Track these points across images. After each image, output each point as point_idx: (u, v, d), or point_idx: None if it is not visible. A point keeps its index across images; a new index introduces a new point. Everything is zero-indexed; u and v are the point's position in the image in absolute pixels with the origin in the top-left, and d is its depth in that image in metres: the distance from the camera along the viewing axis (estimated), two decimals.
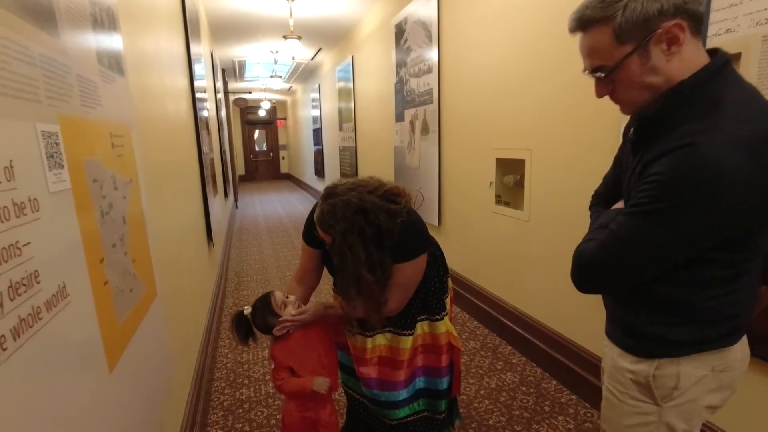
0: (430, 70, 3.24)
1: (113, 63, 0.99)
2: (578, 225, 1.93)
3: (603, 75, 0.77)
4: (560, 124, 2.01)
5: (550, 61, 2.03)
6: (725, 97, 0.69)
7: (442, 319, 1.38)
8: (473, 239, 2.89)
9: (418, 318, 1.37)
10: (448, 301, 1.46)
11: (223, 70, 7.63)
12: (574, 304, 2.01)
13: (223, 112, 6.42)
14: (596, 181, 1.89)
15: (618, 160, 0.96)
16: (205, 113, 3.15)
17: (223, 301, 3.28)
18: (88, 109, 0.80)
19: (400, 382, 1.37)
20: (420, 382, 1.42)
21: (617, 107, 0.83)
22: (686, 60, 0.72)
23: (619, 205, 0.88)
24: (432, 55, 3.18)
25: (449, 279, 1.51)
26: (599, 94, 0.81)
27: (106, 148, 0.89)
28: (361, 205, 1.17)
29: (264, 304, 1.33)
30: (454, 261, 3.21)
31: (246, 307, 1.36)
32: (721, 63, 0.72)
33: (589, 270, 0.80)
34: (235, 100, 8.44)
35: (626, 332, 0.85)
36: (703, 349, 0.78)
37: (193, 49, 2.89)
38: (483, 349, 2.48)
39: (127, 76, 1.10)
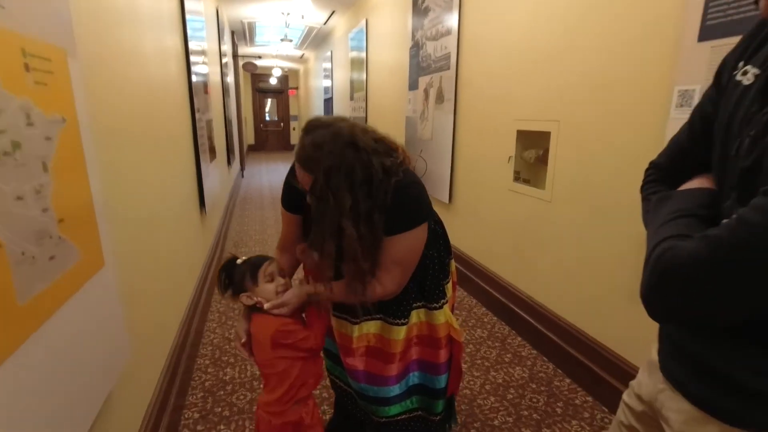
0: (448, 33, 2.94)
1: None
2: (610, 209, 1.68)
3: None
4: (595, 92, 1.73)
5: (585, 21, 1.74)
6: None
7: (441, 307, 1.17)
8: (487, 219, 2.66)
9: (414, 305, 1.16)
10: (449, 287, 1.24)
11: (233, 32, 7.32)
12: (597, 297, 1.79)
13: (230, 78, 6.15)
14: (635, 158, 1.64)
15: (702, 118, 0.65)
16: (201, 72, 2.91)
17: (216, 271, 3.10)
18: None
19: (392, 377, 1.17)
20: (414, 377, 1.22)
21: (669, 69, 0.56)
22: None
23: (699, 183, 0.61)
24: (452, 15, 2.88)
25: (452, 262, 1.29)
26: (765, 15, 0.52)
27: (13, 67, 0.67)
28: (352, 139, 0.95)
29: (255, 265, 1.12)
30: (463, 242, 2.99)
31: (243, 258, 1.17)
32: None
33: (685, 286, 0.49)
34: (245, 65, 8.13)
35: (713, 383, 0.56)
36: None
37: (190, 4, 2.63)
38: (490, 339, 2.28)
39: None
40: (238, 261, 1.15)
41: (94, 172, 0.94)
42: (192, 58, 2.51)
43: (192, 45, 2.55)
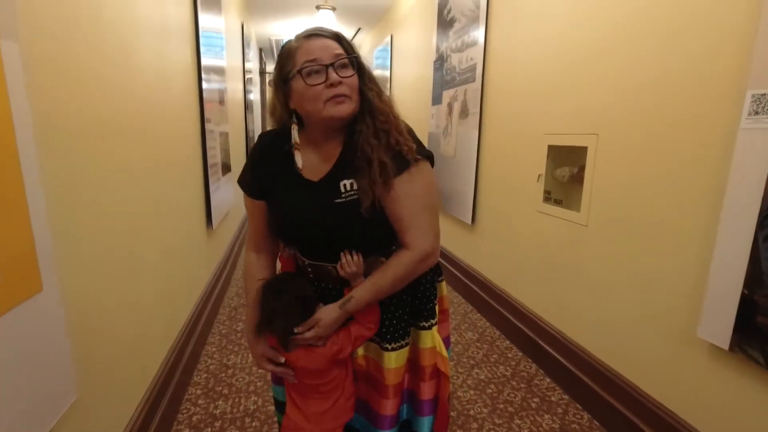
0: (474, 43, 2.76)
1: None
2: (659, 238, 1.43)
3: None
4: (641, 100, 1.50)
5: (630, 17, 1.53)
6: None
7: (429, 328, 0.98)
8: (513, 243, 2.41)
9: (410, 322, 0.99)
10: (436, 308, 1.04)
11: (261, 50, 7.41)
12: (639, 337, 1.52)
13: (253, 95, 6.16)
14: (691, 178, 1.36)
15: None
16: (215, 87, 2.82)
17: (224, 290, 2.96)
18: None
19: (386, 418, 0.96)
20: (403, 411, 1.02)
21: (739, 70, 0.36)
22: None
23: None
24: (478, 25, 2.70)
25: (443, 283, 1.10)
26: None
27: None
28: None
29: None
30: (487, 267, 2.74)
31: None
32: None
33: None
34: (271, 81, 8.20)
35: None
36: None
37: (207, 19, 2.56)
38: (515, 379, 2.02)
39: None
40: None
41: (35, 184, 0.79)
42: (204, 72, 2.42)
43: (206, 59, 2.46)
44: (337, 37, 0.89)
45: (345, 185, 0.88)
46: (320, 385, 0.95)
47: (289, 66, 0.86)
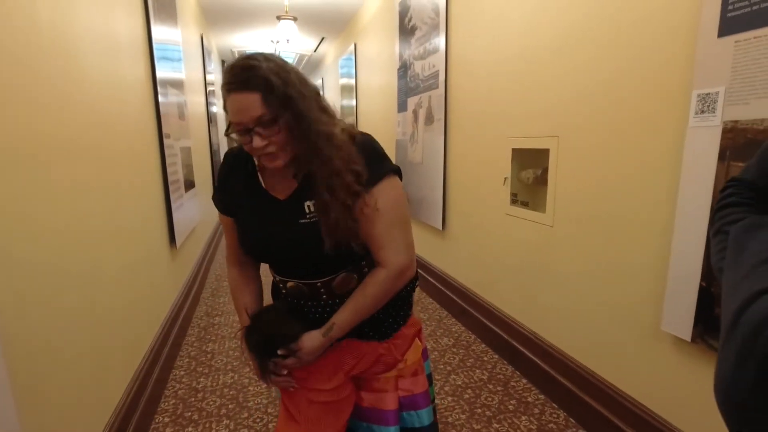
0: (436, 50, 2.79)
1: None
2: (621, 235, 1.46)
3: None
4: (601, 102, 1.55)
5: (584, 24, 1.57)
6: None
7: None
8: (484, 247, 2.43)
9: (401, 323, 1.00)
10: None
11: (223, 62, 7.28)
12: (609, 335, 1.55)
13: (217, 108, 6.03)
14: (649, 177, 1.41)
15: None
16: (173, 101, 2.74)
17: (191, 310, 2.85)
18: None
19: (390, 412, 0.97)
20: (404, 416, 1.03)
21: (686, 71, 0.37)
22: None
23: None
24: (439, 32, 2.74)
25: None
26: None
27: None
28: (283, 60, 0.82)
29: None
30: (459, 272, 2.75)
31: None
32: None
33: None
34: None
35: None
36: None
37: (161, 31, 2.49)
38: (491, 382, 2.02)
39: None
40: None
41: None
42: (160, 85, 2.34)
43: (162, 73, 2.38)
44: (261, 86, 0.76)
45: (309, 206, 0.86)
46: (330, 391, 0.95)
47: (226, 109, 0.82)
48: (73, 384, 1.20)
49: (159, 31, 2.44)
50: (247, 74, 0.75)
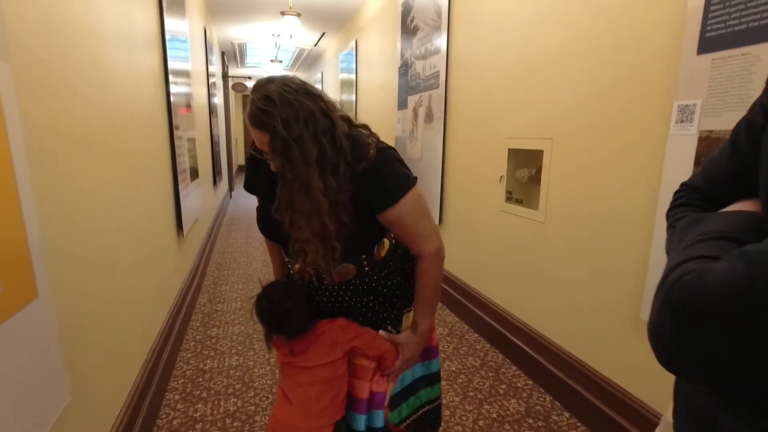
0: (437, 51, 2.89)
1: None
2: (609, 231, 1.59)
3: None
4: (591, 109, 1.66)
5: (585, 34, 1.69)
6: None
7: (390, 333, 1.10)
8: (479, 242, 2.55)
9: (405, 311, 1.11)
10: (409, 317, 1.13)
11: (223, 53, 7.31)
12: (596, 325, 1.67)
13: (217, 99, 6.08)
14: (635, 179, 1.54)
15: (750, 134, 0.51)
16: (182, 92, 2.82)
17: (195, 297, 2.95)
18: None
19: (364, 401, 1.05)
20: (417, 369, 1.18)
21: (668, 84, 0.46)
22: None
23: (742, 207, 0.49)
24: (440, 33, 2.84)
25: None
26: None
27: None
28: (303, 87, 0.88)
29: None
30: (455, 266, 2.87)
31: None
32: None
33: (718, 322, 0.35)
34: (234, 85, 8.10)
35: None
36: None
37: (172, 23, 2.56)
38: (483, 369, 2.15)
39: None
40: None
41: (28, 196, 0.82)
42: (172, 77, 2.42)
43: (172, 64, 2.46)
44: (269, 131, 0.84)
45: None
46: (327, 366, 1.00)
47: None
48: (98, 362, 1.30)
49: (170, 23, 2.51)
50: (262, 117, 0.84)
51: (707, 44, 1.18)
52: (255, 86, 0.88)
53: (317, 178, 0.86)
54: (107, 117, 1.47)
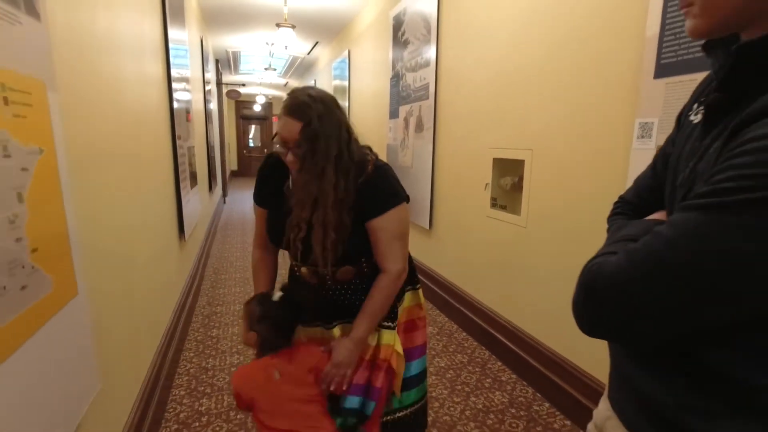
0: (427, 64, 3.05)
1: (20, 0, 0.78)
2: (582, 234, 1.74)
3: None
4: (567, 123, 1.82)
5: (559, 54, 1.85)
6: None
7: (391, 328, 1.18)
8: (466, 245, 2.70)
9: (398, 303, 1.22)
10: (402, 311, 1.25)
11: (217, 61, 7.42)
12: (575, 323, 1.82)
13: (213, 105, 6.19)
14: (604, 187, 1.72)
15: (663, 157, 0.66)
16: (183, 100, 2.94)
17: (195, 299, 3.06)
18: None
19: (376, 389, 1.16)
20: (355, 402, 1.18)
21: (631, 104, 0.59)
22: None
23: (657, 216, 0.62)
24: (430, 48, 3.00)
25: (419, 292, 1.33)
26: None
27: None
28: (337, 102, 1.07)
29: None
30: (444, 268, 3.02)
31: (277, 293, 1.14)
32: None
33: (608, 301, 0.49)
34: (228, 92, 8.22)
35: (649, 416, 0.54)
36: None
37: (174, 32, 2.68)
38: (470, 364, 2.29)
39: (46, 21, 0.90)
40: (274, 297, 1.12)
41: (69, 202, 0.95)
42: (174, 85, 2.54)
43: (174, 73, 2.58)
44: (305, 119, 0.99)
45: None
46: (298, 399, 1.06)
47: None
48: (115, 358, 1.42)
49: (173, 34, 2.63)
50: (302, 108, 1.00)
51: (662, 70, 1.34)
52: (295, 89, 1.05)
53: (332, 172, 1.01)
54: (121, 127, 1.59)
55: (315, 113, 0.99)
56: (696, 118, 0.60)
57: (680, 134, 0.62)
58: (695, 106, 0.62)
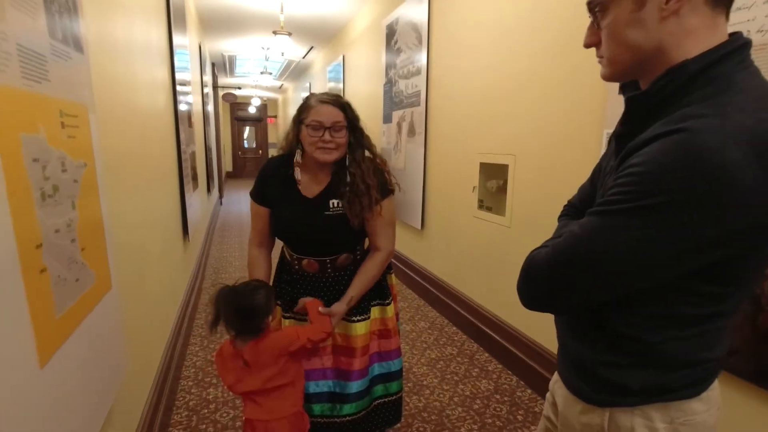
0: (418, 72, 3.21)
1: (69, 38, 0.93)
2: None
3: (597, 8, 0.64)
4: (545, 132, 1.99)
5: (538, 68, 2.01)
6: (737, 80, 0.54)
7: (389, 303, 1.44)
8: (455, 244, 2.86)
9: (372, 303, 1.40)
10: (373, 321, 1.44)
11: (213, 64, 7.53)
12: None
13: (210, 107, 6.31)
14: (576, 189, 1.88)
15: (597, 169, 0.84)
16: (185, 105, 3.07)
17: (198, 297, 3.19)
18: (31, 83, 0.75)
19: (355, 372, 1.35)
20: (375, 369, 1.44)
21: (604, 116, 0.75)
22: (689, 31, 0.56)
23: None
24: (421, 57, 3.15)
25: (392, 275, 1.53)
26: (586, 43, 0.70)
27: (54, 126, 0.83)
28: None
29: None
30: (435, 266, 3.18)
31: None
32: (739, 45, 0.56)
33: (537, 281, 0.65)
34: (224, 95, 8.33)
35: (578, 372, 0.71)
36: (662, 399, 0.64)
37: (177, 39, 2.82)
38: (460, 356, 2.45)
39: (88, 55, 1.04)
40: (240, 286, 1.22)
41: (104, 207, 1.09)
42: (179, 88, 2.68)
43: (178, 78, 2.72)
44: (342, 106, 1.27)
45: (333, 203, 1.30)
46: (274, 376, 1.16)
47: (304, 115, 1.27)
48: (138, 338, 1.56)
49: (177, 40, 2.76)
50: (339, 100, 1.29)
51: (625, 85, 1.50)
52: (329, 93, 1.32)
53: (364, 150, 1.32)
54: (136, 134, 1.73)
55: (348, 107, 1.28)
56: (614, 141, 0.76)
57: (607, 151, 0.79)
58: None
